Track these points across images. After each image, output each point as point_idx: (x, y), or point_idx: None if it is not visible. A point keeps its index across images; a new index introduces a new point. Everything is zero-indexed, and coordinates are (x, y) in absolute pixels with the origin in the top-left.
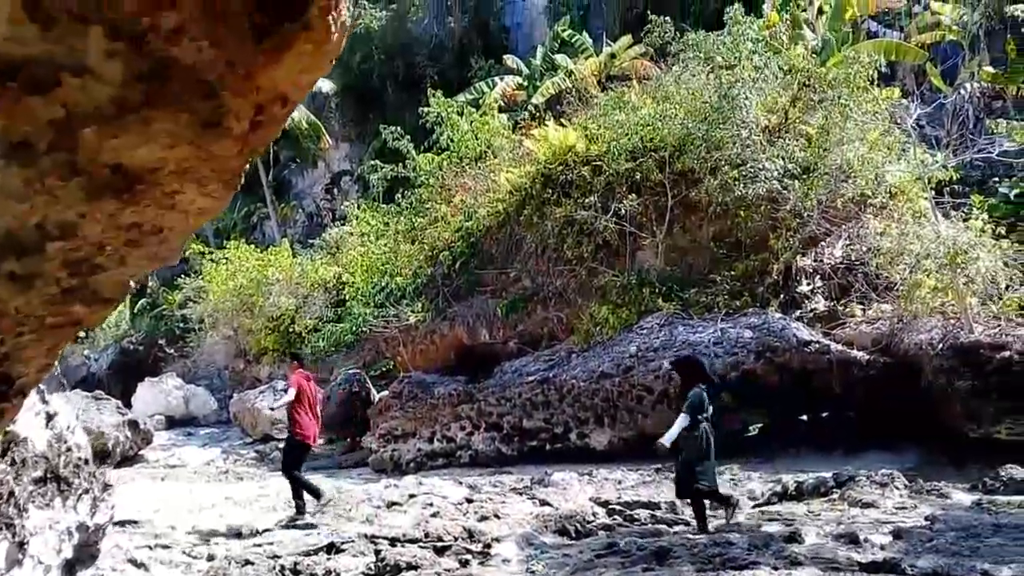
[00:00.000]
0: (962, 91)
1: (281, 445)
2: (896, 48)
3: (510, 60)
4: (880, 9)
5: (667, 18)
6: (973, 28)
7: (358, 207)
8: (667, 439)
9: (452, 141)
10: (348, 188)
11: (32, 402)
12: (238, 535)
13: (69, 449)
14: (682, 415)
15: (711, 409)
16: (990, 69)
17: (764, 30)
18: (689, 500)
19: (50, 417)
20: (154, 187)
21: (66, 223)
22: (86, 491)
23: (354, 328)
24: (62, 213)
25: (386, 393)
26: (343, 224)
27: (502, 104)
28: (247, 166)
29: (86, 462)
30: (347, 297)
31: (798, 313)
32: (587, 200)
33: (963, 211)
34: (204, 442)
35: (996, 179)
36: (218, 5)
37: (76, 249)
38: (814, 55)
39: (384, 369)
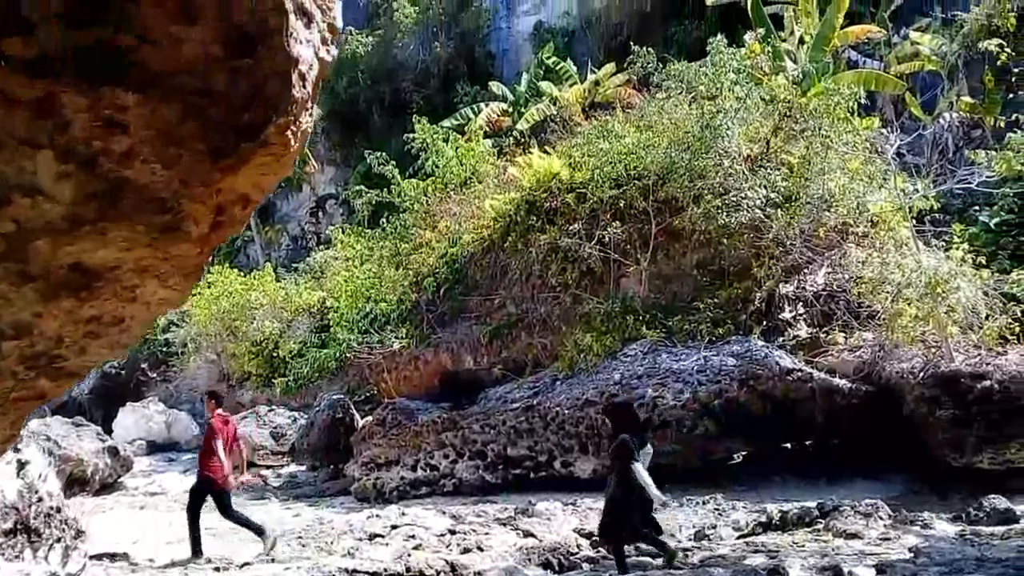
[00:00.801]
0: (941, 121)
1: (263, 472)
2: (876, 78)
3: (495, 86)
4: (860, 39)
5: (650, 48)
6: (951, 59)
7: (343, 231)
8: (655, 493)
9: (437, 167)
10: (333, 212)
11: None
12: (217, 569)
13: (40, 499)
14: (637, 463)
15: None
16: (968, 100)
17: (746, 59)
18: (610, 542)
19: (21, 465)
20: (113, 283)
21: (21, 323)
22: (57, 540)
23: (338, 354)
24: (17, 314)
25: (370, 419)
26: (328, 248)
27: (487, 130)
28: (210, 258)
29: (58, 510)
30: (331, 322)
31: (781, 340)
32: (571, 227)
33: (944, 239)
34: (185, 468)
35: (976, 207)
36: (171, 130)
37: (33, 345)
38: (795, 85)
39: (368, 394)
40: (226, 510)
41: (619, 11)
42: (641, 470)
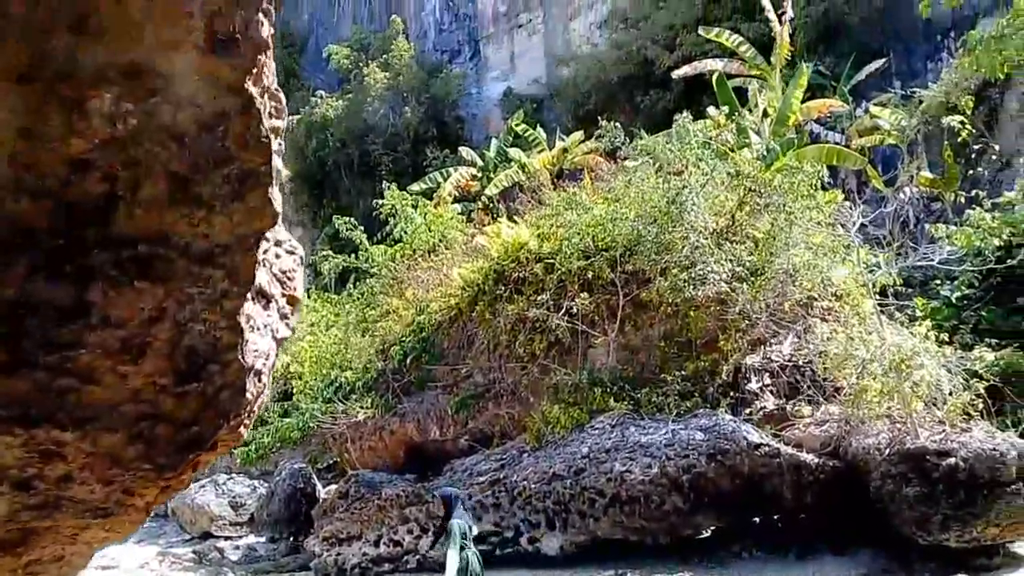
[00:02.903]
0: (902, 194)
1: (219, 544)
2: (838, 153)
3: (465, 151)
4: (823, 114)
5: (618, 123)
6: (911, 133)
7: (309, 295)
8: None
9: (406, 233)
10: None
11: None
12: None
13: None
14: (450, 550)
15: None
16: (928, 174)
17: (711, 129)
18: None
19: None
20: (54, 533)
21: None
22: None
23: (300, 424)
24: None
25: (333, 489)
26: None
27: (456, 194)
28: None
29: None
30: (295, 390)
31: (748, 411)
32: (539, 297)
33: (907, 313)
34: (140, 538)
35: (938, 281)
36: (114, 455)
37: None
38: (759, 159)
39: (331, 462)
40: None
41: (587, 80)
42: (450, 557)
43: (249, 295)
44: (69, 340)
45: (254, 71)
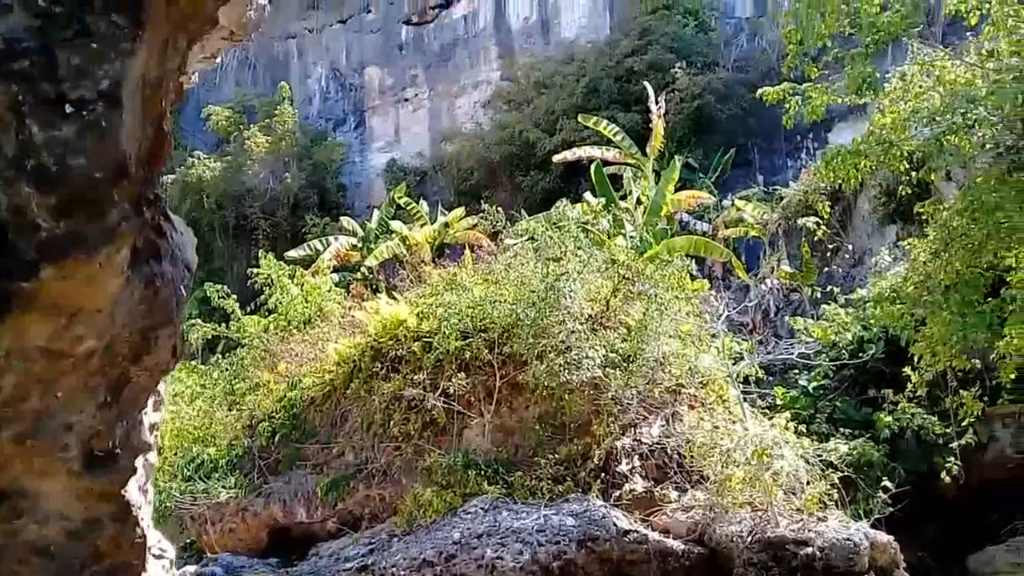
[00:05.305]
0: (764, 285)
1: None
2: (705, 245)
3: (346, 221)
4: (691, 205)
5: (499, 201)
6: (772, 227)
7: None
8: None
9: (281, 303)
10: None
11: None
12: None
13: None
14: None
15: None
16: (787, 268)
17: (587, 214)
18: None
19: None
20: None
21: None
22: None
23: (157, 503)
24: None
25: (190, 570)
26: None
27: (335, 264)
28: None
29: None
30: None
31: (618, 494)
32: (416, 376)
33: (768, 399)
34: None
35: (796, 370)
36: None
37: None
38: (633, 248)
39: (188, 542)
40: None
41: (470, 157)
42: None
43: None
44: None
45: (132, 475)
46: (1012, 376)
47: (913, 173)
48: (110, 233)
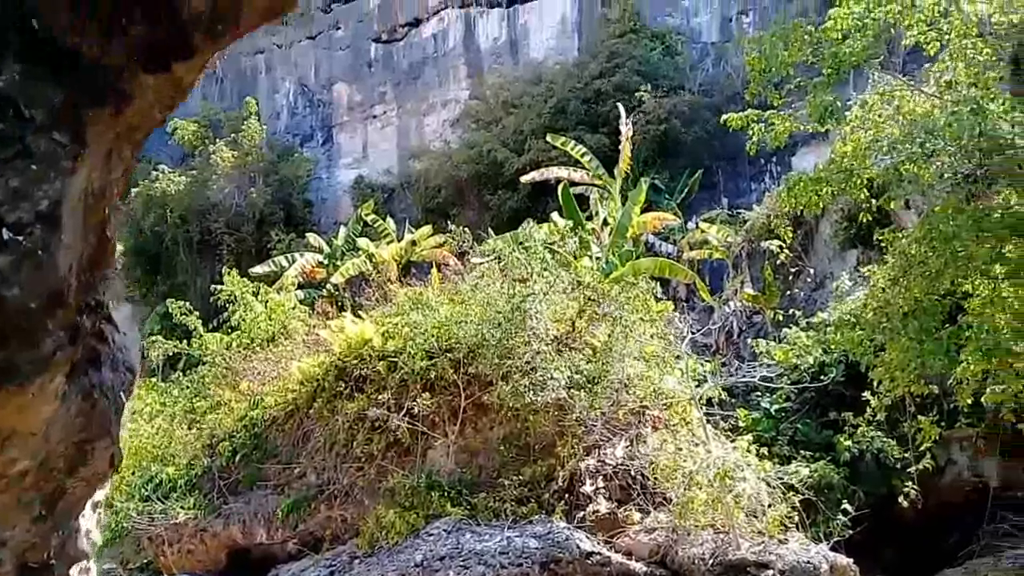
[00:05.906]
0: (727, 307)
1: None
2: (669, 267)
3: (312, 237)
4: (657, 227)
5: (466, 219)
6: (736, 250)
7: None
8: None
9: (244, 320)
10: None
11: None
12: None
13: None
14: None
15: None
16: (750, 291)
17: (553, 234)
18: None
19: None
20: None
21: None
22: None
23: (113, 524)
24: None
25: None
26: None
27: (301, 280)
28: None
29: None
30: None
31: (581, 515)
32: (381, 396)
33: (731, 421)
34: None
35: (759, 393)
36: None
37: None
38: (599, 269)
39: (145, 563)
40: None
41: (438, 175)
42: None
43: None
44: None
45: None
46: (969, 401)
47: (873, 200)
48: (44, 363)
